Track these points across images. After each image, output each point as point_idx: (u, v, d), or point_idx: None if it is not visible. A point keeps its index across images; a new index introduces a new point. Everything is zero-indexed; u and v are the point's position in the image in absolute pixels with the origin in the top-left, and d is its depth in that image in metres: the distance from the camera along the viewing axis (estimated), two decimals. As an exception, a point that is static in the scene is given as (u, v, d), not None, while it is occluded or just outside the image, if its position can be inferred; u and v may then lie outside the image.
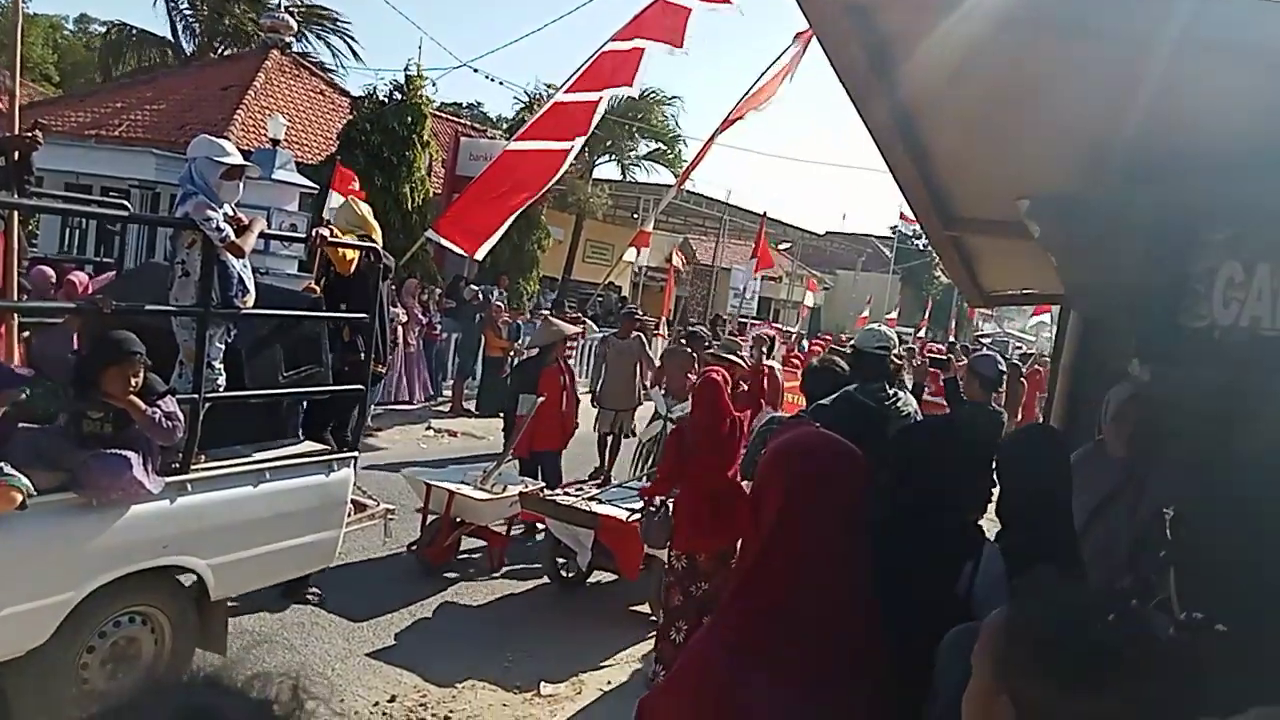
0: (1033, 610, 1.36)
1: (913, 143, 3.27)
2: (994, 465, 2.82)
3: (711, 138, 13.85)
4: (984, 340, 33.15)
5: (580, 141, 10.27)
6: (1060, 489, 2.61)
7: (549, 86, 19.07)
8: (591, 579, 7.12)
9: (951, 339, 34.85)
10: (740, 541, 3.11)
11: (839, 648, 1.89)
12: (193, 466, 4.53)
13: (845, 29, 2.26)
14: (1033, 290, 6.90)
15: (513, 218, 9.68)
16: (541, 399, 7.84)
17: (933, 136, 3.25)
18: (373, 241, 6.12)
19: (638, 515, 5.57)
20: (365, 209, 6.64)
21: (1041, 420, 5.21)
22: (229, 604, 5.00)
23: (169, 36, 26.99)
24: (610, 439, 10.25)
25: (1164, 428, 3.07)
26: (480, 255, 9.83)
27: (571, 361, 10.98)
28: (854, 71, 2.51)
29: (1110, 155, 2.83)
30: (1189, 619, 1.87)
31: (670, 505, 5.41)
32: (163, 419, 4.13)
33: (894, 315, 31.60)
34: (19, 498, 3.64)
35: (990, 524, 2.71)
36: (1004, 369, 6.37)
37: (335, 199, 10.26)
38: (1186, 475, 2.74)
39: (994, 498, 2.75)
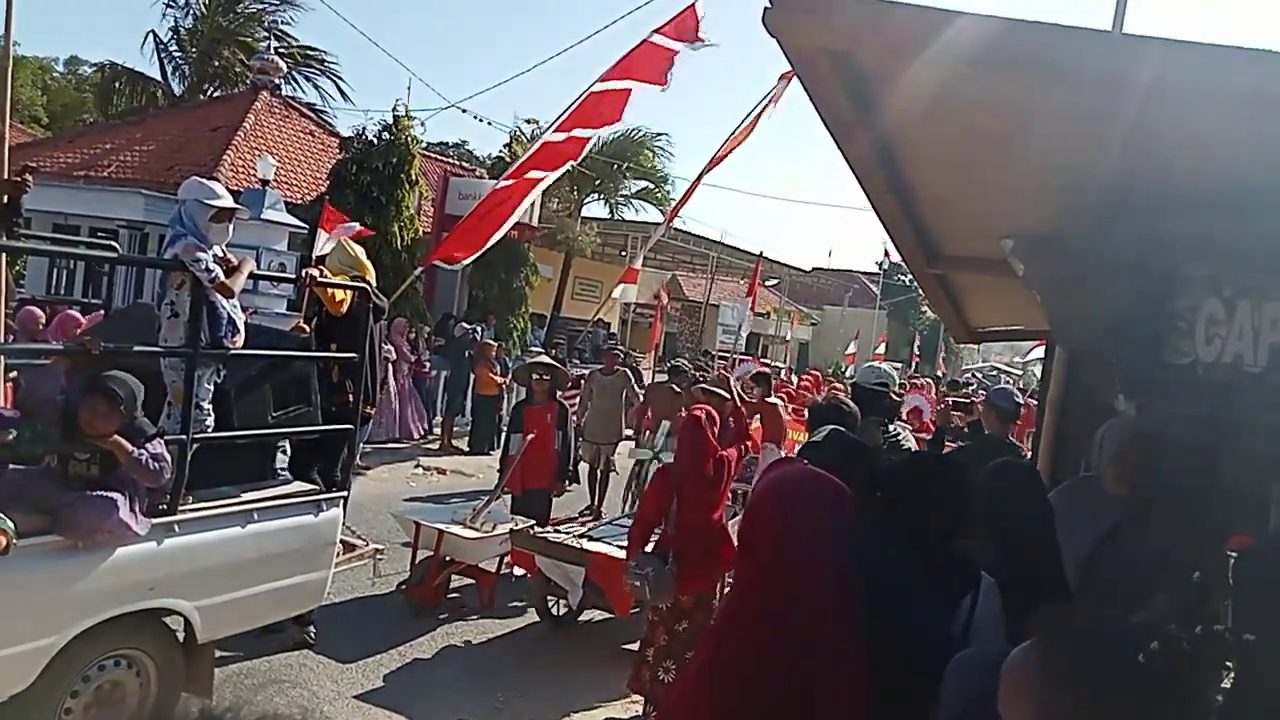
0: (1072, 649, 1.30)
1: (895, 182, 3.32)
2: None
3: (699, 176, 14.00)
4: (977, 375, 33.23)
5: (566, 167, 10.66)
6: (1045, 521, 2.63)
7: (536, 126, 19.29)
8: (583, 617, 7.08)
9: (940, 373, 34.98)
10: (731, 578, 3.11)
11: (824, 678, 1.89)
12: (180, 507, 4.50)
13: (825, 70, 2.30)
14: (1020, 326, 6.94)
15: (500, 232, 10.16)
16: (532, 436, 7.84)
17: (914, 175, 3.30)
18: (365, 282, 6.13)
19: (639, 575, 5.40)
20: (358, 249, 6.65)
21: (1030, 455, 5.23)
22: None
23: (158, 78, 27.12)
24: (599, 474, 10.32)
25: (1164, 466, 3.09)
26: (467, 263, 10.29)
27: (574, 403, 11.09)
28: (835, 112, 2.56)
29: (1089, 195, 2.88)
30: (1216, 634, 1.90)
31: (671, 559, 5.30)
32: (150, 460, 4.11)
33: (881, 350, 31.72)
34: (3, 541, 3.61)
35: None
36: (1020, 401, 6.40)
37: (324, 238, 10.32)
38: (1202, 511, 2.76)
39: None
